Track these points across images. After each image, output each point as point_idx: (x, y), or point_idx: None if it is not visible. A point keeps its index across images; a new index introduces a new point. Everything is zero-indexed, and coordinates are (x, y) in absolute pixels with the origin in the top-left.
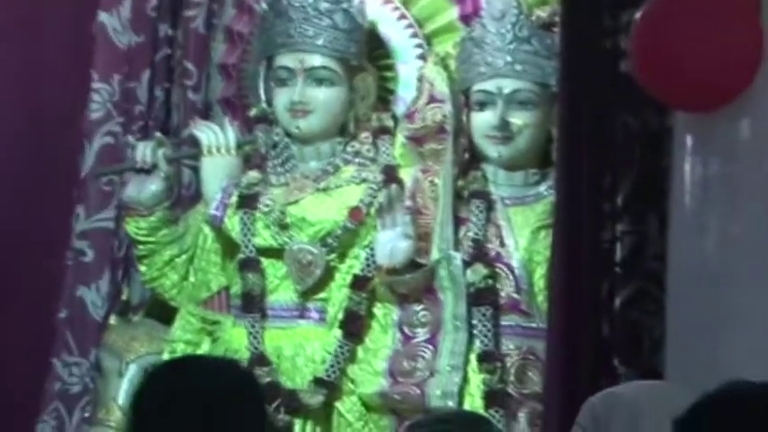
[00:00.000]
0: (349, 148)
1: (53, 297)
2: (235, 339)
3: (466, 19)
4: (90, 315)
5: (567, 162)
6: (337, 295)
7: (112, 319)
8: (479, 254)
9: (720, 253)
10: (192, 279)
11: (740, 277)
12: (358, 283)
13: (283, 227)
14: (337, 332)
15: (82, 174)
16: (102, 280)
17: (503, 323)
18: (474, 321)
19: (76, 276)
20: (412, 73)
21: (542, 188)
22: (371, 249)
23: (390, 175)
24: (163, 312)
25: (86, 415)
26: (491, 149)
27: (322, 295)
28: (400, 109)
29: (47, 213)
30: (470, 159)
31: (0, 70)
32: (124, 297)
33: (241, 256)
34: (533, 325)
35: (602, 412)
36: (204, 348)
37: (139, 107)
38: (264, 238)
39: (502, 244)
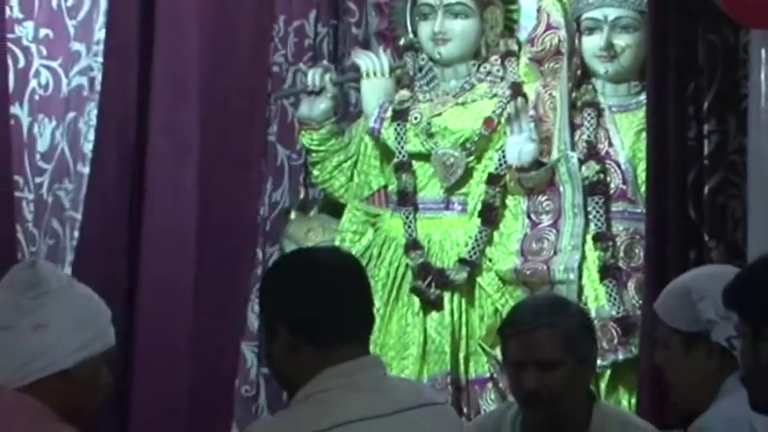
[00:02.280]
0: (482, 69)
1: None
2: (392, 228)
3: None
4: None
5: (656, 74)
6: (476, 190)
7: (293, 215)
8: (592, 153)
9: None
10: (356, 180)
11: None
12: (492, 179)
13: (430, 135)
14: (477, 220)
15: None
16: (279, 180)
17: (613, 209)
18: (589, 208)
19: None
20: (532, 5)
21: (642, 97)
22: (503, 152)
23: (516, 90)
24: (333, 208)
25: None
26: (599, 67)
27: (463, 190)
28: (523, 35)
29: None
30: (582, 75)
31: (203, 21)
32: (302, 196)
33: (396, 160)
34: (638, 210)
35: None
36: (368, 237)
37: (308, 41)
38: (414, 144)
39: (610, 144)
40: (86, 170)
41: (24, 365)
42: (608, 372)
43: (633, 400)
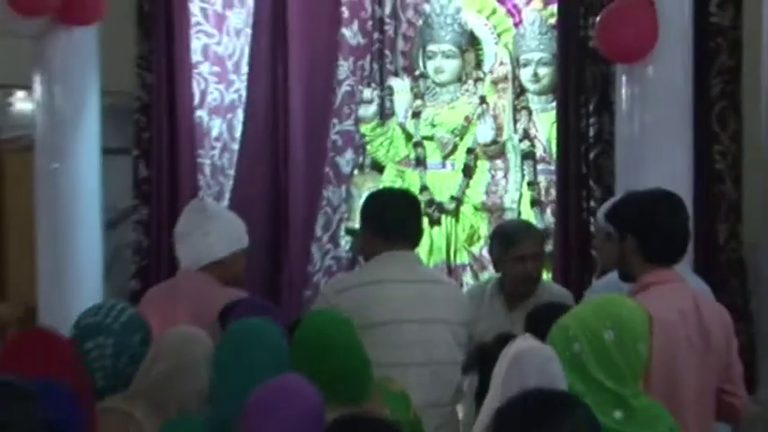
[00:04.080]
0: (463, 88)
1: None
2: (412, 179)
3: (510, 12)
4: (341, 169)
5: (563, 90)
6: (460, 157)
7: (356, 172)
8: (526, 135)
9: (640, 132)
10: (391, 152)
11: (642, 140)
12: (470, 151)
13: (433, 126)
14: (460, 175)
15: (335, 105)
16: (347, 151)
17: (538, 168)
18: (525, 167)
19: (335, 152)
20: (491, 51)
21: (554, 104)
22: (475, 135)
23: (483, 100)
24: (379, 168)
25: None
26: (530, 86)
27: (453, 157)
28: (487, 68)
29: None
30: (520, 91)
31: (302, 59)
32: (360, 161)
33: (414, 140)
34: (552, 168)
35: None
36: (398, 184)
37: (365, 72)
38: (424, 132)
39: (536, 130)
40: (236, 147)
41: (198, 255)
42: None
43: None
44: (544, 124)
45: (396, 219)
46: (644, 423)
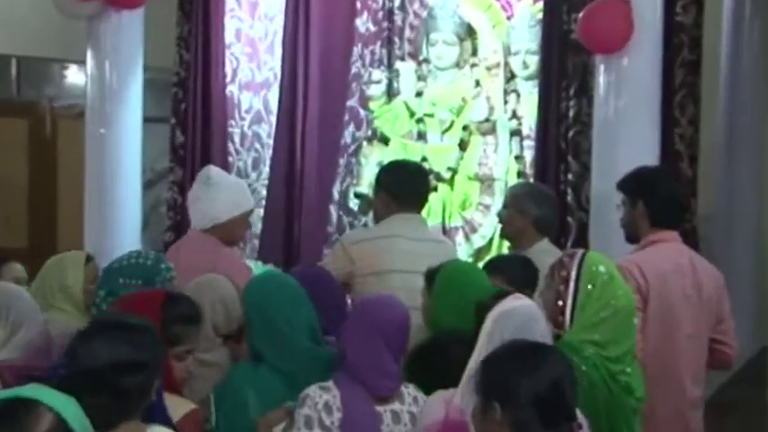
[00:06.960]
0: (460, 72)
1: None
2: (414, 151)
3: (503, 7)
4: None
5: (546, 76)
6: (457, 132)
7: (364, 143)
8: (514, 115)
9: (614, 115)
10: (397, 125)
11: (616, 122)
12: (465, 127)
13: (434, 104)
14: (456, 148)
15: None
16: (350, 125)
17: (524, 144)
18: (512, 142)
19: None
20: (486, 40)
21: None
22: (469, 114)
23: (477, 83)
24: (386, 140)
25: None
26: (519, 72)
27: (450, 132)
28: (482, 55)
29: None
30: (510, 76)
31: (321, 53)
32: (366, 134)
33: (416, 116)
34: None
35: None
36: (402, 154)
37: (375, 56)
38: (426, 109)
39: (523, 111)
40: (273, 119)
41: (204, 218)
42: None
43: None
44: (531, 106)
45: (409, 187)
46: (635, 372)
